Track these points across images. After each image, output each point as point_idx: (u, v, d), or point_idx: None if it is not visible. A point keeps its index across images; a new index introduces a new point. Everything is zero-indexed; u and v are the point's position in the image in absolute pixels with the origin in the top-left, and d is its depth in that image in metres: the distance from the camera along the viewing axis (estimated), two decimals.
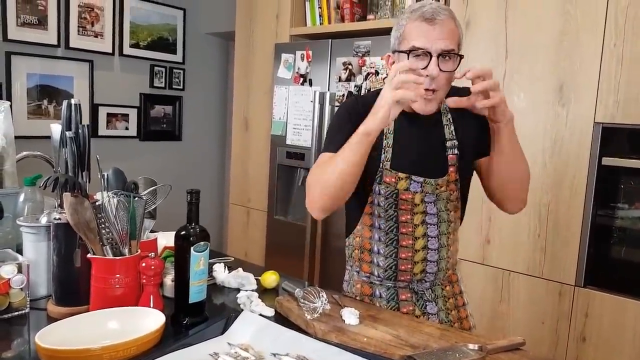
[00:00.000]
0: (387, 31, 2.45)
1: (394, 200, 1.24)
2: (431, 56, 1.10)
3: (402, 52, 1.14)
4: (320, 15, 2.71)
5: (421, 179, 1.22)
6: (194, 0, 3.91)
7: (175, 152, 4.00)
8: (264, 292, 1.47)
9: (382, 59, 2.26)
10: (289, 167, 2.73)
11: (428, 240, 1.25)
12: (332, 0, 2.66)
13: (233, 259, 1.78)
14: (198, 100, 4.07)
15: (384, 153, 1.22)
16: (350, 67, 2.38)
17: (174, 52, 3.88)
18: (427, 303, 1.28)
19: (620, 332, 1.84)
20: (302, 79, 2.59)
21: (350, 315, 1.17)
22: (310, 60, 2.55)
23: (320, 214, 1.20)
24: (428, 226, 1.25)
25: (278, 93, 2.70)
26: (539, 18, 1.97)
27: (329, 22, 2.67)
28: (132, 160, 3.72)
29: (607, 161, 1.84)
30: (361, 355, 0.97)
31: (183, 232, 1.13)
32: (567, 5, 1.91)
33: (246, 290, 1.45)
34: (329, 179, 1.13)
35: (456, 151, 1.24)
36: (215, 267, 1.56)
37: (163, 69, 3.84)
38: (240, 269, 1.55)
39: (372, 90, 1.46)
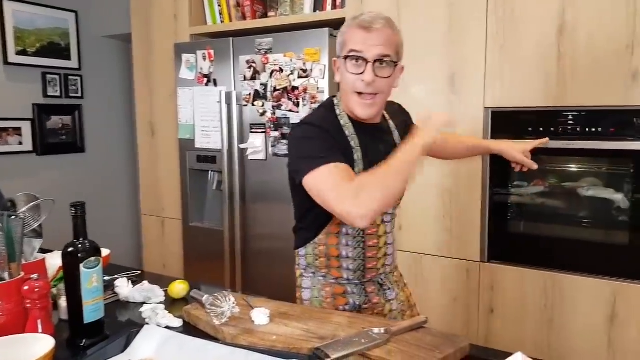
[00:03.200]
0: (288, 28, 2.48)
1: None
2: (367, 62, 1.16)
3: (339, 56, 1.22)
4: (220, 14, 2.65)
5: None
6: (85, 2, 3.67)
7: (78, 165, 3.73)
8: (173, 303, 1.42)
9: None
10: (200, 172, 2.65)
11: (387, 237, 1.34)
12: None
13: (140, 272, 1.69)
14: (100, 107, 3.83)
15: (357, 167, 1.22)
16: (254, 65, 2.35)
17: (68, 57, 3.61)
18: (387, 291, 1.37)
19: (523, 301, 1.99)
20: (206, 80, 2.52)
21: (259, 316, 1.16)
22: (212, 59, 2.48)
23: (370, 220, 1.09)
24: (386, 224, 1.33)
25: (182, 95, 2.61)
26: (429, 12, 2.07)
27: (230, 20, 2.63)
28: (30, 177, 3.42)
29: None
30: (270, 354, 0.95)
31: (71, 249, 1.07)
32: None
33: (152, 304, 1.39)
34: (392, 185, 1.07)
35: None
36: (118, 282, 1.48)
37: (57, 77, 3.56)
38: (145, 282, 1.48)
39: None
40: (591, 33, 1.79)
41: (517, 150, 1.52)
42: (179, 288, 1.45)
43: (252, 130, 2.38)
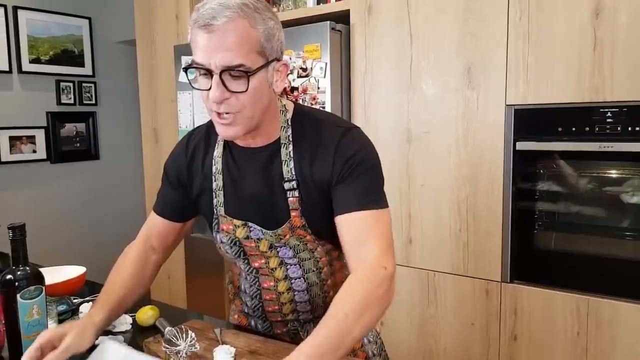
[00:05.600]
0: (290, 23, 2.29)
1: (238, 247, 1.06)
2: (212, 74, 0.85)
3: (184, 68, 0.95)
4: None
5: (259, 228, 1.01)
6: (99, 8, 3.63)
7: (93, 172, 3.69)
8: (142, 332, 1.26)
9: None
10: None
11: (292, 282, 1.07)
12: None
13: None
14: (114, 114, 3.78)
15: (216, 197, 1.04)
16: None
17: (82, 64, 3.57)
18: (304, 336, 1.11)
19: (550, 327, 1.71)
20: None
21: (222, 355, 1.00)
22: None
23: None
24: (288, 267, 1.06)
25: (182, 100, 2.48)
26: None
27: None
28: (43, 185, 3.39)
29: (522, 145, 1.71)
30: None
31: (8, 277, 0.95)
32: None
33: (115, 333, 1.24)
34: None
35: (297, 194, 0.98)
36: (82, 307, 1.34)
37: (71, 84, 3.53)
38: None
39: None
40: (634, 13, 1.51)
41: None
42: (147, 315, 1.29)
43: None
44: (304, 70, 2.03)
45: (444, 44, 1.84)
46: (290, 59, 2.06)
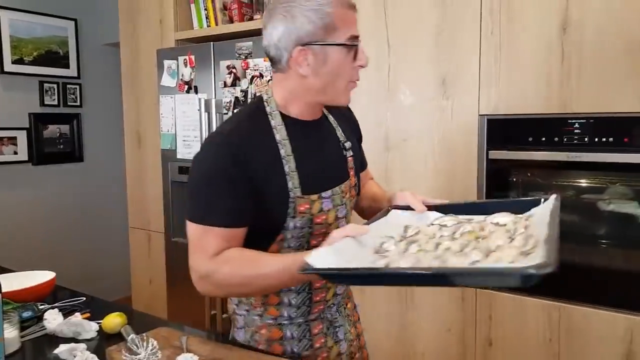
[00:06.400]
0: None
1: (308, 228, 1.05)
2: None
3: (339, 44, 0.98)
4: (207, 18, 2.52)
5: (329, 193, 1.06)
6: (86, 10, 3.62)
7: (77, 174, 3.67)
8: (108, 339, 1.26)
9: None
10: (183, 183, 2.51)
11: None
12: (217, 1, 2.48)
13: (84, 298, 1.54)
14: (99, 116, 3.76)
15: (291, 180, 1.01)
16: (234, 70, 2.20)
17: (67, 66, 3.56)
18: (337, 329, 1.16)
19: (524, 333, 1.74)
20: (187, 87, 2.38)
21: None
22: (194, 65, 2.35)
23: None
24: None
25: (164, 103, 2.48)
26: (418, 9, 1.87)
27: (216, 24, 2.49)
28: (25, 187, 3.37)
29: (495, 154, 1.75)
30: None
31: None
32: None
33: (81, 341, 1.24)
34: (246, 292, 1.04)
35: (351, 153, 1.15)
36: (47, 314, 1.33)
37: (55, 85, 3.51)
38: (77, 314, 1.32)
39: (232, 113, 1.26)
40: (600, 28, 1.55)
41: (409, 192, 1.19)
42: (114, 322, 1.29)
43: None
44: None
45: (421, 53, 1.88)
46: None
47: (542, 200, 1.03)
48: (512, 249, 0.80)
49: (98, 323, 1.30)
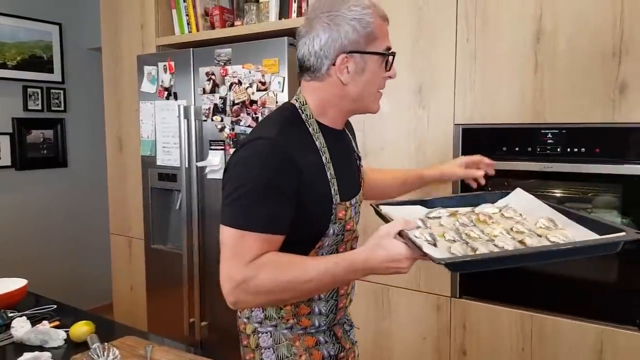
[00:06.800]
0: (249, 37, 2.31)
1: (341, 234, 1.06)
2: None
3: (379, 53, 1.03)
4: (188, 24, 2.52)
5: (355, 200, 1.11)
6: (70, 14, 3.60)
7: (60, 179, 3.64)
8: (76, 348, 1.26)
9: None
10: (163, 190, 2.49)
11: None
12: (198, 7, 2.48)
13: (55, 306, 1.53)
14: (84, 121, 3.75)
15: (332, 186, 1.02)
16: (213, 77, 2.19)
17: (51, 70, 3.54)
18: (350, 332, 1.20)
19: (498, 342, 1.74)
20: (166, 93, 2.37)
21: None
22: (173, 72, 2.34)
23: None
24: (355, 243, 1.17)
25: (144, 109, 2.47)
26: (395, 17, 1.87)
27: (197, 30, 2.48)
28: (8, 193, 3.34)
29: None
30: None
31: None
32: (419, 1, 1.82)
33: (48, 349, 1.23)
34: (291, 297, 0.96)
35: (361, 163, 1.22)
36: (15, 322, 1.32)
37: (39, 90, 3.49)
38: (45, 322, 1.31)
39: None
40: (571, 38, 1.56)
41: (458, 165, 1.33)
42: (81, 330, 1.29)
43: (212, 147, 2.22)
44: (263, 84, 2.04)
45: (398, 60, 1.87)
46: (250, 72, 2.08)
47: (504, 192, 1.16)
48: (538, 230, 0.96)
49: (66, 331, 1.29)
